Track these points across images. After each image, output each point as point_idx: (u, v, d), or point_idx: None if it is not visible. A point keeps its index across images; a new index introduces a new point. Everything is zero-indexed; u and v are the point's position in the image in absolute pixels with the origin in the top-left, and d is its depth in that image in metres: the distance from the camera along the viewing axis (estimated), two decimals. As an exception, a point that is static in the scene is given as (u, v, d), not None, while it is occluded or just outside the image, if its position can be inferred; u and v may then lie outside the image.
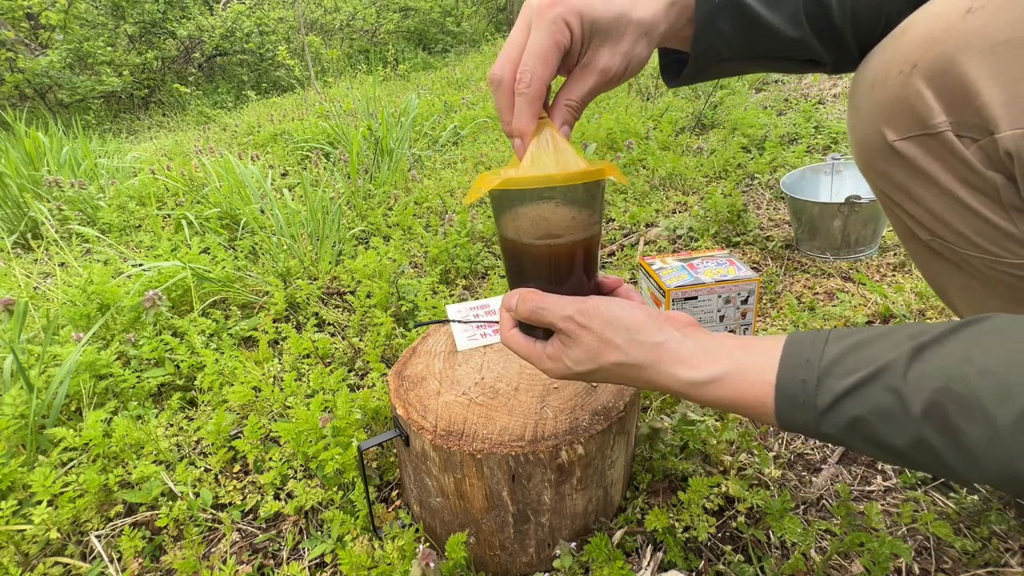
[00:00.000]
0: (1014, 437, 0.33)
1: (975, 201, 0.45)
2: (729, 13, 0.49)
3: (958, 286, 0.54)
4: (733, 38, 0.50)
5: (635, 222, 1.75)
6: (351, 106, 3.67)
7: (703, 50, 0.51)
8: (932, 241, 0.51)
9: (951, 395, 0.35)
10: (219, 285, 1.41)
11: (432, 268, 1.49)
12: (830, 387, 0.39)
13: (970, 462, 0.35)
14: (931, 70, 0.42)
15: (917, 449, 0.37)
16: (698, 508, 0.71)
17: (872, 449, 0.39)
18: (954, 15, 0.42)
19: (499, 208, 0.52)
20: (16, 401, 0.94)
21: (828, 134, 2.19)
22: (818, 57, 0.52)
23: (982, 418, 0.34)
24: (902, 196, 0.50)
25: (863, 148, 0.51)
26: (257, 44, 7.05)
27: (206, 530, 0.84)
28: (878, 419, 0.37)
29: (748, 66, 0.55)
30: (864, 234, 1.37)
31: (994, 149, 0.41)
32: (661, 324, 0.49)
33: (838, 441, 0.40)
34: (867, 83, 0.49)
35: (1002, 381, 0.34)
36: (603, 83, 0.48)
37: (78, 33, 6.33)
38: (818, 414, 0.40)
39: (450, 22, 8.76)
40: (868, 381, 0.38)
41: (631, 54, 0.48)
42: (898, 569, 0.69)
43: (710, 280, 0.96)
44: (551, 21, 0.45)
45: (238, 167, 2.00)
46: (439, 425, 0.66)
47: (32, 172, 2.37)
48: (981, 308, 0.54)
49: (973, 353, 0.35)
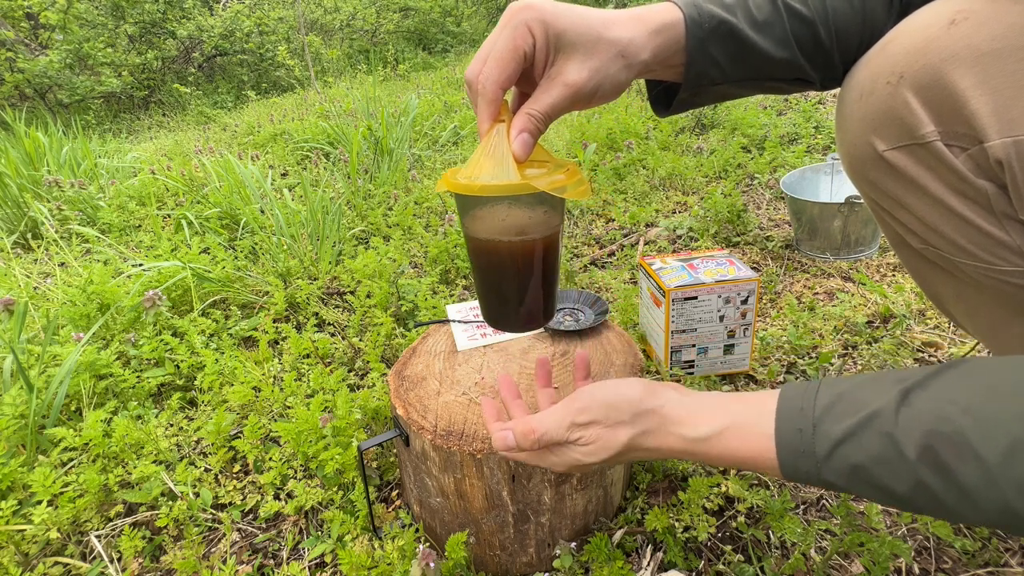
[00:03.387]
0: (1005, 472, 0.34)
1: (966, 210, 0.45)
2: (720, 38, 0.49)
3: (953, 294, 0.54)
4: (725, 63, 0.51)
5: (635, 222, 1.75)
6: (351, 106, 3.67)
7: (695, 76, 0.51)
8: (925, 250, 0.51)
9: (941, 436, 0.36)
10: (219, 285, 1.41)
11: (432, 268, 1.49)
12: (826, 433, 0.40)
13: (969, 502, 0.35)
14: (918, 81, 0.43)
15: (919, 492, 0.37)
16: (698, 508, 0.71)
17: (879, 496, 0.40)
18: (937, 27, 0.42)
19: (457, 205, 0.54)
20: (16, 401, 0.94)
21: (828, 134, 2.19)
22: (807, 76, 0.53)
23: (972, 457, 0.34)
24: (893, 205, 0.50)
25: (853, 159, 0.51)
26: (257, 44, 7.05)
27: (206, 530, 0.84)
28: (877, 465, 0.38)
29: (739, 90, 0.55)
30: (864, 234, 1.37)
31: (984, 158, 0.42)
32: (657, 389, 0.51)
33: (846, 489, 0.41)
34: (854, 94, 0.49)
35: (985, 417, 0.35)
36: (569, 97, 0.47)
37: (78, 33, 6.32)
38: (819, 462, 0.41)
39: (450, 22, 8.76)
40: (862, 426, 0.39)
41: (603, 72, 0.47)
42: (898, 569, 0.69)
43: (710, 280, 0.96)
44: (514, 26, 0.45)
45: (238, 167, 2.00)
46: (439, 425, 0.66)
47: (32, 172, 2.37)
48: (977, 315, 0.54)
49: (956, 394, 0.36)
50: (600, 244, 1.68)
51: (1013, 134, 0.39)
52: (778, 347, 1.09)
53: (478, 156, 0.48)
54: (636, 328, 1.14)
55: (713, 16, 0.49)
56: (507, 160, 0.47)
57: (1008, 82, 0.39)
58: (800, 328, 1.11)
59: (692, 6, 0.49)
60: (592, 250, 1.63)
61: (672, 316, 0.98)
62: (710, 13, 0.49)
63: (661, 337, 1.01)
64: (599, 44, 0.46)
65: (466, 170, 0.48)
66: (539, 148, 0.50)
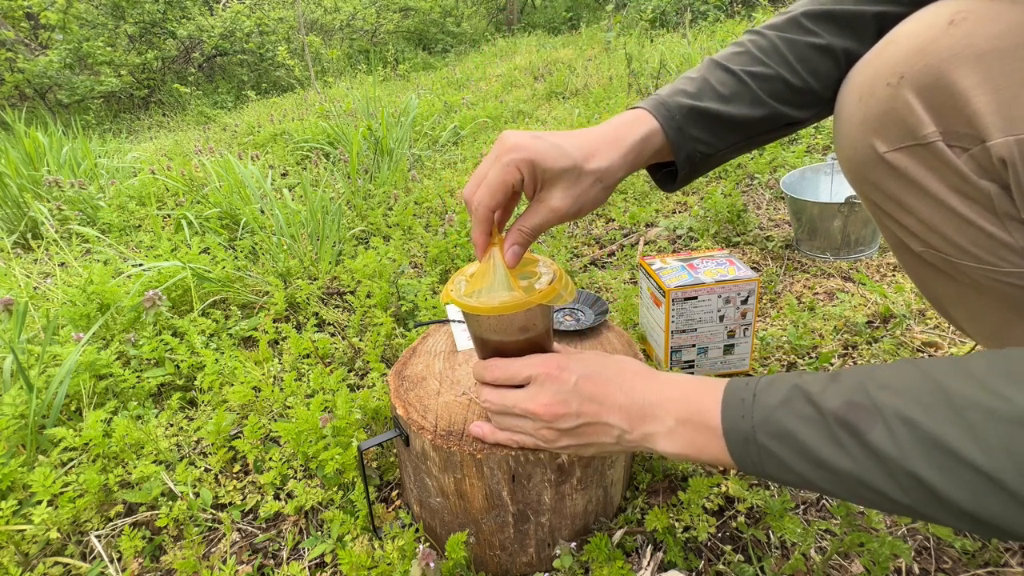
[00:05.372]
0: (913, 444, 0.36)
1: (968, 211, 0.45)
2: (694, 120, 0.56)
3: (953, 297, 0.54)
4: (708, 139, 0.57)
5: (635, 222, 1.75)
6: (351, 106, 3.67)
7: (686, 157, 0.58)
8: (925, 252, 0.51)
9: (855, 405, 0.38)
10: (219, 285, 1.41)
11: (432, 268, 1.49)
12: (763, 402, 0.44)
13: (884, 469, 0.37)
14: (919, 81, 0.43)
15: (840, 456, 0.39)
16: (698, 508, 0.71)
17: (805, 463, 0.41)
18: (937, 28, 0.43)
19: (465, 315, 0.60)
20: (16, 401, 0.94)
21: (828, 134, 2.19)
22: (795, 119, 0.58)
23: (881, 423, 0.37)
24: (894, 207, 0.50)
25: (853, 161, 0.51)
26: (257, 44, 7.05)
27: (206, 530, 0.84)
28: (802, 426, 0.41)
29: (735, 153, 0.61)
30: (864, 234, 1.37)
31: (986, 158, 0.41)
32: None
33: (780, 459, 0.42)
34: (854, 96, 0.49)
35: (900, 391, 0.37)
36: (553, 219, 0.54)
37: (78, 33, 6.33)
38: (754, 425, 0.43)
39: (450, 22, 8.77)
40: (794, 394, 0.42)
41: (583, 197, 0.55)
42: (898, 569, 0.69)
43: (710, 280, 0.96)
44: (504, 164, 0.52)
45: (238, 167, 2.00)
46: (439, 425, 0.67)
47: (32, 172, 2.37)
48: (977, 318, 0.54)
49: (880, 374, 0.40)
50: (600, 244, 1.69)
51: (1016, 132, 0.39)
52: (778, 347, 1.09)
53: (480, 274, 0.56)
54: (636, 328, 1.14)
55: (681, 106, 0.56)
56: (508, 279, 0.55)
57: (1010, 81, 0.39)
58: (800, 328, 1.11)
59: (660, 106, 0.56)
60: (592, 250, 1.64)
61: (672, 316, 0.98)
62: (678, 104, 0.56)
63: (661, 337, 1.01)
64: (580, 177, 0.54)
65: (469, 287, 0.57)
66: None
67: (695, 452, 0.48)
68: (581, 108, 3.21)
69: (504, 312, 0.54)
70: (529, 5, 11.34)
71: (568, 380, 0.54)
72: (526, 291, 0.55)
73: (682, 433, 0.48)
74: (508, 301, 0.54)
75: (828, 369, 1.02)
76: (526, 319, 0.57)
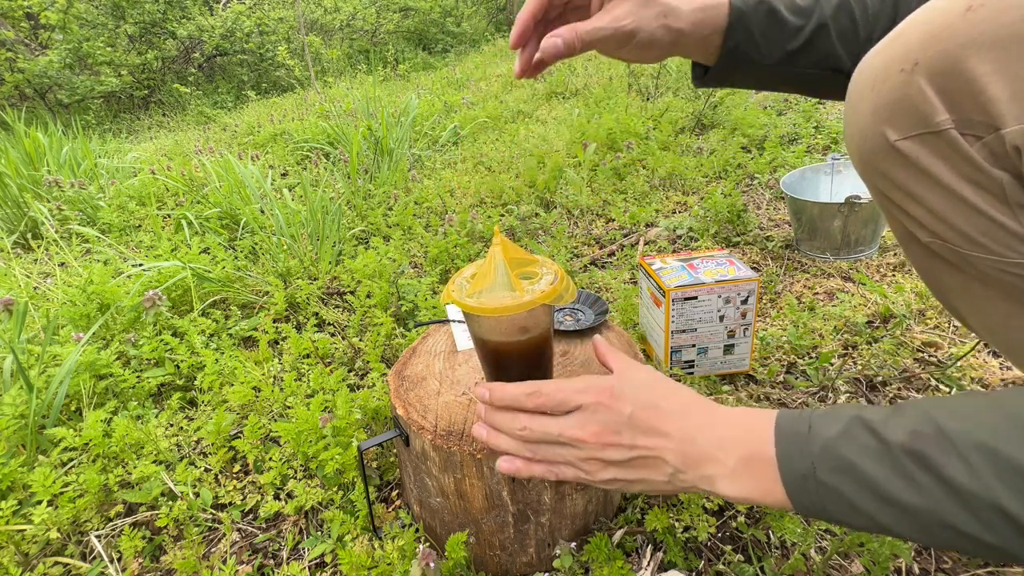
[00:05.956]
0: (992, 470, 0.34)
1: (980, 200, 0.44)
2: (759, 16, 0.56)
3: (960, 289, 0.54)
4: (760, 40, 0.57)
5: (635, 222, 1.75)
6: (351, 106, 3.67)
7: (732, 48, 0.57)
8: (933, 243, 0.50)
9: (923, 436, 0.37)
10: (219, 285, 1.41)
11: (432, 268, 1.49)
12: (819, 433, 0.42)
13: (960, 500, 0.35)
14: (933, 67, 0.42)
15: (909, 490, 0.37)
16: (698, 508, 0.71)
17: (872, 501, 0.39)
18: (953, 13, 0.42)
19: (465, 315, 0.60)
20: (16, 401, 0.94)
21: (828, 134, 2.19)
22: (841, 65, 0.57)
23: (954, 453, 0.35)
24: (903, 197, 0.50)
25: (863, 150, 0.51)
26: (257, 44, 7.05)
27: (206, 530, 0.84)
28: (864, 459, 0.39)
29: (770, 78, 0.61)
30: (864, 234, 1.37)
31: (1000, 146, 0.41)
32: None
33: (838, 494, 0.41)
34: (866, 83, 0.49)
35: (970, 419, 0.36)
36: (609, 27, 0.54)
37: (78, 33, 6.33)
38: (813, 460, 0.41)
39: (450, 22, 8.77)
40: (853, 425, 0.40)
41: (645, 24, 0.54)
42: (898, 569, 0.69)
43: (710, 280, 0.96)
44: None
45: (238, 167, 2.00)
46: (439, 425, 0.67)
47: (32, 172, 2.37)
48: (983, 311, 0.54)
49: (946, 403, 0.39)
50: (600, 244, 1.69)
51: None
52: (778, 347, 1.09)
53: (481, 275, 0.56)
54: (636, 328, 1.14)
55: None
56: (509, 280, 0.55)
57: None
58: (800, 328, 1.11)
59: None
60: (592, 250, 1.64)
61: (672, 316, 0.98)
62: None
63: (661, 337, 1.01)
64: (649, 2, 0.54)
65: (471, 287, 0.57)
66: (521, 251, 0.59)
67: (760, 496, 0.45)
68: (581, 108, 3.21)
69: (505, 313, 0.54)
70: (529, 5, 11.27)
71: (623, 411, 0.50)
72: (527, 292, 0.55)
73: (746, 474, 0.45)
74: (509, 302, 0.54)
75: (828, 369, 1.02)
76: (527, 320, 0.57)
